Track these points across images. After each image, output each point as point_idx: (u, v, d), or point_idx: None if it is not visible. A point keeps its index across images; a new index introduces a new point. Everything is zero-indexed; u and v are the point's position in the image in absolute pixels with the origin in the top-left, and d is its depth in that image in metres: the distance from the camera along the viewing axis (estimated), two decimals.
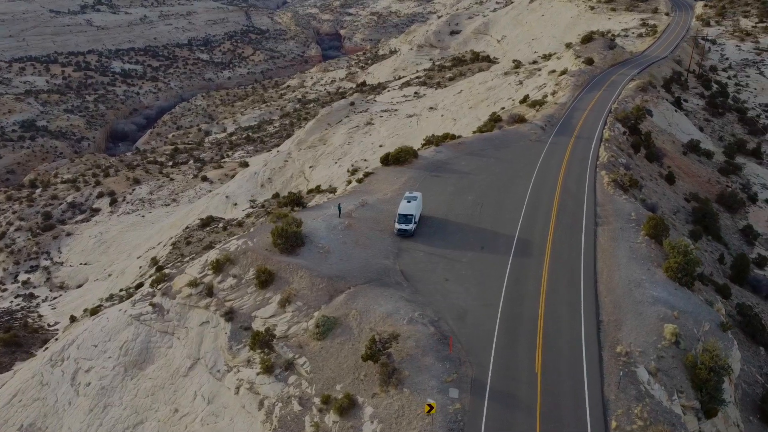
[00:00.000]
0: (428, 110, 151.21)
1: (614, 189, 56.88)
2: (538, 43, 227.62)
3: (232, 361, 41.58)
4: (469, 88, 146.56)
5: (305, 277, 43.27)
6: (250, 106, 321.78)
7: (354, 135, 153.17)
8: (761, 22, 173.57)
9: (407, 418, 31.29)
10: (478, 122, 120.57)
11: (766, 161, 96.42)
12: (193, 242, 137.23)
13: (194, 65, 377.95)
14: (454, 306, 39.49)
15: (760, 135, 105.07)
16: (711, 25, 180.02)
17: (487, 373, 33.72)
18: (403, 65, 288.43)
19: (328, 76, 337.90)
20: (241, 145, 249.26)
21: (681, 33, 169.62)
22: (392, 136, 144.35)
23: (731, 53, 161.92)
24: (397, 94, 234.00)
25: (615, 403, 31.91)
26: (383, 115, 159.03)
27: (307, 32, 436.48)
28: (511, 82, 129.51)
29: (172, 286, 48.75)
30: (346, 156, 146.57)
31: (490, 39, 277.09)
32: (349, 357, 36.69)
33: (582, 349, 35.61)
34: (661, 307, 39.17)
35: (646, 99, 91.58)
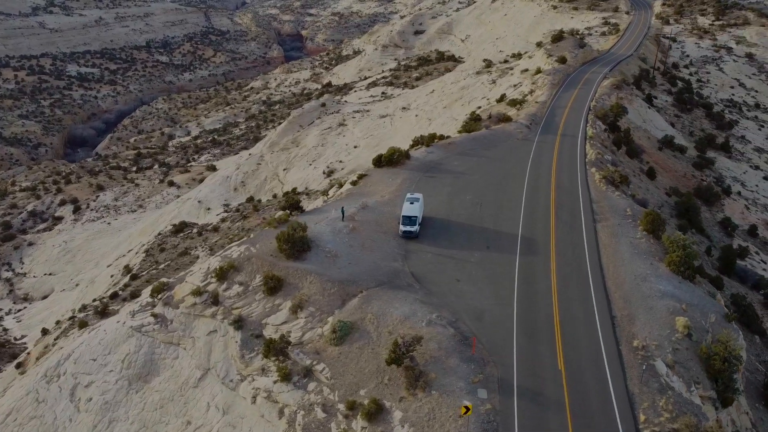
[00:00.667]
0: (401, 110, 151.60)
1: (606, 185, 58.08)
2: (503, 42, 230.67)
3: (245, 370, 40.92)
4: (441, 88, 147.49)
5: (315, 282, 42.87)
6: (214, 108, 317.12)
7: (327, 136, 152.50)
8: (717, 20, 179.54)
9: (439, 420, 31.32)
10: (454, 122, 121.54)
11: (734, 155, 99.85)
12: (167, 249, 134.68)
13: (154, 68, 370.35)
14: (469, 306, 39.71)
15: (727, 129, 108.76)
16: (670, 24, 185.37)
17: (512, 372, 34.01)
18: (369, 65, 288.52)
19: (292, 77, 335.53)
20: (207, 148, 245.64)
21: (643, 31, 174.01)
22: (366, 137, 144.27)
23: (691, 50, 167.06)
24: (365, 95, 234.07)
25: (640, 396, 32.59)
26: (356, 116, 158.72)
27: (269, 33, 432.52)
28: (484, 82, 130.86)
29: (173, 296, 47.70)
30: (320, 158, 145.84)
31: (454, 38, 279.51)
32: (370, 361, 36.52)
33: (600, 345, 36.25)
34: (669, 300, 40.17)
35: (621, 96, 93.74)
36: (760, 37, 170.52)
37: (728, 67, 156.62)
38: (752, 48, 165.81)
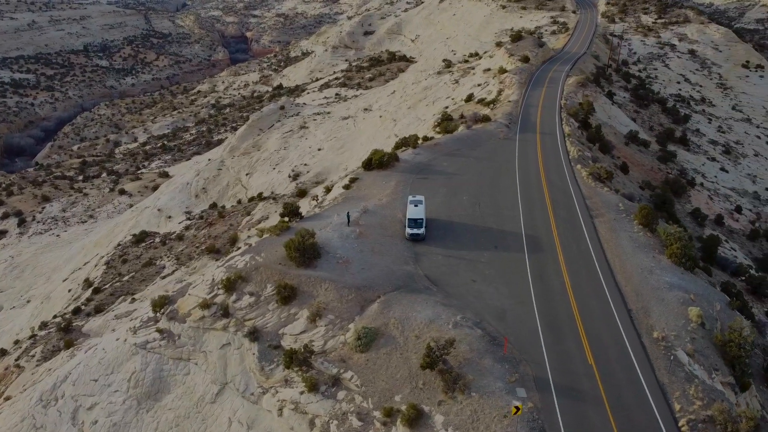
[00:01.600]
0: (363, 111, 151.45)
1: (594, 181, 59.78)
2: (455, 41, 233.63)
3: (266, 382, 40.14)
4: (403, 89, 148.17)
5: (331, 289, 42.44)
6: (161, 113, 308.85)
7: (289, 140, 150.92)
8: (660, 18, 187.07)
9: (484, 422, 31.57)
10: (420, 122, 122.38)
11: (692, 148, 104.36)
12: (130, 260, 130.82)
13: (93, 72, 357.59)
14: (490, 307, 40.15)
15: (683, 123, 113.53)
16: (615, 22, 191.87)
17: (546, 370, 34.61)
18: (319, 67, 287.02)
19: (241, 79, 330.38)
20: (157, 154, 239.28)
21: (591, 30, 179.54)
22: (330, 139, 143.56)
23: (638, 48, 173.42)
24: (318, 96, 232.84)
25: (670, 386, 33.74)
26: (317, 119, 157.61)
27: (213, 35, 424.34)
28: (447, 81, 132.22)
29: (178, 310, 46.33)
30: (284, 161, 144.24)
31: (404, 39, 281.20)
32: (400, 367, 36.44)
33: (623, 338, 37.32)
34: (678, 291, 41.71)
35: (586, 94, 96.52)
36: (700, 35, 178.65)
37: (673, 64, 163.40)
38: (694, 45, 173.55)
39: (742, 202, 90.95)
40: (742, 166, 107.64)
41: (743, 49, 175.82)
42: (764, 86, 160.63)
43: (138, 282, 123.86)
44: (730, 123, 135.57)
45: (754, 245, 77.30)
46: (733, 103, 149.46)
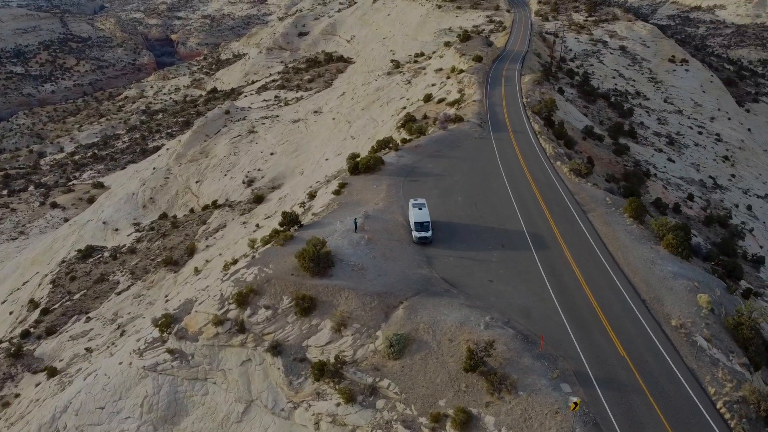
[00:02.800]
0: (314, 114, 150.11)
1: (576, 177, 61.85)
2: (392, 41, 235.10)
3: (295, 396, 39.38)
4: (353, 90, 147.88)
5: (352, 297, 42.07)
6: (87, 121, 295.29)
7: (238, 145, 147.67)
8: (590, 16, 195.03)
9: (537, 419, 32.22)
10: (375, 123, 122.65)
11: (640, 140, 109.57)
12: (79, 277, 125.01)
13: (8, 80, 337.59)
14: (513, 305, 40.93)
15: (628, 117, 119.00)
16: (549, 20, 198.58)
17: (583, 364, 35.67)
18: (254, 69, 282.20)
19: (171, 84, 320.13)
20: (88, 164, 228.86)
21: (527, 28, 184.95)
22: (282, 143, 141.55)
23: (572, 45, 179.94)
24: (256, 99, 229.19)
25: (699, 371, 35.51)
26: (265, 122, 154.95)
27: (136, 38, 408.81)
28: (399, 82, 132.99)
29: (187, 328, 44.69)
30: (235, 167, 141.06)
31: (339, 39, 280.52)
32: (438, 371, 36.60)
33: (645, 327, 38.94)
34: (682, 280, 43.91)
35: (543, 92, 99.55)
36: (628, 31, 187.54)
37: (607, 60, 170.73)
38: (624, 41, 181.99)
39: (692, 190, 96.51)
40: (686, 156, 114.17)
41: (668, 44, 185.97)
42: (690, 79, 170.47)
43: (91, 300, 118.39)
44: (665, 115, 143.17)
45: (710, 231, 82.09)
46: (665, 96, 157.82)
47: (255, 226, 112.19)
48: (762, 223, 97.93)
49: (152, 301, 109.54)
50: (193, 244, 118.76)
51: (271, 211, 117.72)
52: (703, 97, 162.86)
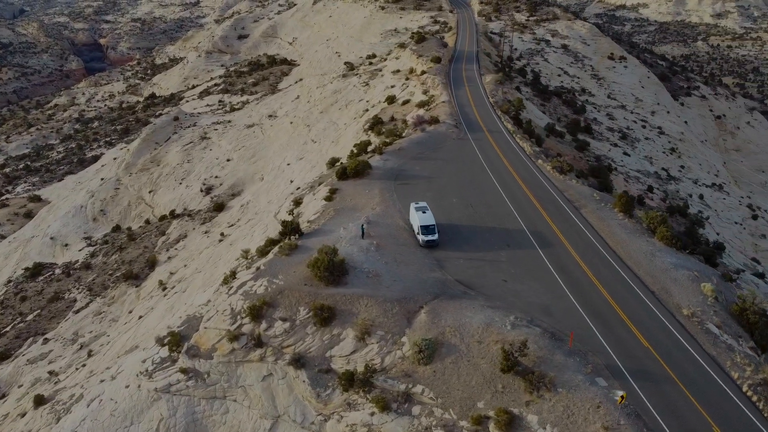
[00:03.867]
0: (268, 118, 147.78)
1: (560, 174, 63.51)
2: (337, 43, 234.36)
3: (325, 409, 38.77)
4: (307, 93, 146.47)
5: (372, 304, 41.78)
6: (14, 131, 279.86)
7: (192, 152, 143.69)
8: (532, 16, 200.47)
9: (580, 415, 32.94)
10: (336, 126, 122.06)
11: (597, 136, 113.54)
12: (30, 296, 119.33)
13: None
14: (533, 304, 41.66)
15: (582, 113, 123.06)
16: (492, 20, 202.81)
17: (612, 357, 36.72)
18: (194, 73, 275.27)
19: (104, 90, 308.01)
20: (21, 177, 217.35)
21: (473, 28, 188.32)
22: (238, 149, 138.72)
23: (517, 44, 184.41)
24: (199, 104, 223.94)
25: (719, 357, 37.21)
26: (218, 128, 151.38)
27: (62, 43, 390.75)
28: (356, 84, 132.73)
29: (198, 346, 43.25)
30: (190, 175, 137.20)
31: (281, 42, 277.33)
32: (472, 374, 36.85)
33: (661, 318, 40.46)
34: (683, 270, 45.86)
35: (505, 91, 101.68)
36: (569, 30, 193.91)
37: (552, 58, 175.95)
38: (565, 40, 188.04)
39: (650, 182, 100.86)
40: (639, 150, 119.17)
41: (606, 42, 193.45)
42: (629, 76, 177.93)
43: (46, 320, 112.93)
44: (610, 111, 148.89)
45: (673, 220, 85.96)
46: (608, 92, 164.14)
47: (219, 235, 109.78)
48: (714, 212, 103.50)
49: (115, 318, 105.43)
50: (153, 256, 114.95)
51: (233, 219, 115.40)
52: (642, 93, 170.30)
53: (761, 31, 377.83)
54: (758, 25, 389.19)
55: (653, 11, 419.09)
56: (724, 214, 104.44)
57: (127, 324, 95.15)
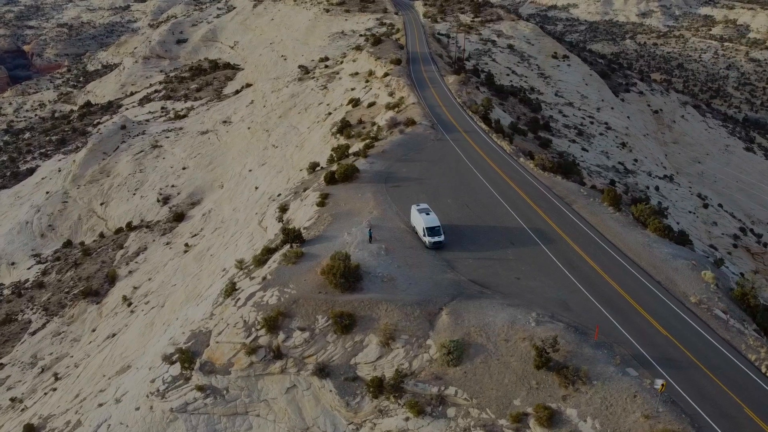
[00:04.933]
0: (223, 124, 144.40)
1: (545, 172, 64.91)
2: (282, 46, 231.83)
3: (355, 417, 38.23)
4: (262, 98, 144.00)
5: (393, 309, 41.48)
6: None
7: (143, 161, 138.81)
8: (476, 17, 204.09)
9: (619, 405, 33.71)
10: (296, 130, 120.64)
11: (555, 133, 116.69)
12: None
13: None
14: (550, 300, 42.36)
15: (539, 111, 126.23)
16: (438, 22, 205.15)
17: (637, 347, 37.74)
18: (131, 80, 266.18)
19: (33, 99, 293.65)
20: None
21: (420, 30, 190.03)
22: (194, 156, 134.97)
23: (465, 45, 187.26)
24: (140, 112, 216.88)
25: (734, 341, 38.89)
26: (169, 135, 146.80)
27: None
28: (314, 88, 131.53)
29: (212, 361, 41.83)
30: (144, 185, 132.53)
31: (222, 46, 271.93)
32: (504, 372, 37.12)
33: (672, 306, 41.95)
34: (681, 260, 47.73)
35: (469, 91, 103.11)
36: (513, 30, 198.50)
37: (499, 58, 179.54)
38: (510, 40, 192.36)
39: (610, 176, 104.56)
40: (595, 145, 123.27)
41: (549, 42, 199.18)
42: (573, 74, 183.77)
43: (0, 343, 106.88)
44: (560, 108, 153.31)
45: None
46: (555, 90, 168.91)
47: (184, 246, 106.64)
48: (671, 202, 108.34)
49: (77, 338, 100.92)
50: (113, 270, 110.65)
51: (196, 229, 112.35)
52: (587, 90, 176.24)
53: (683, 29, 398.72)
54: (680, 24, 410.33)
55: (583, 11, 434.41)
56: (679, 204, 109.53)
57: (94, 343, 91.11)
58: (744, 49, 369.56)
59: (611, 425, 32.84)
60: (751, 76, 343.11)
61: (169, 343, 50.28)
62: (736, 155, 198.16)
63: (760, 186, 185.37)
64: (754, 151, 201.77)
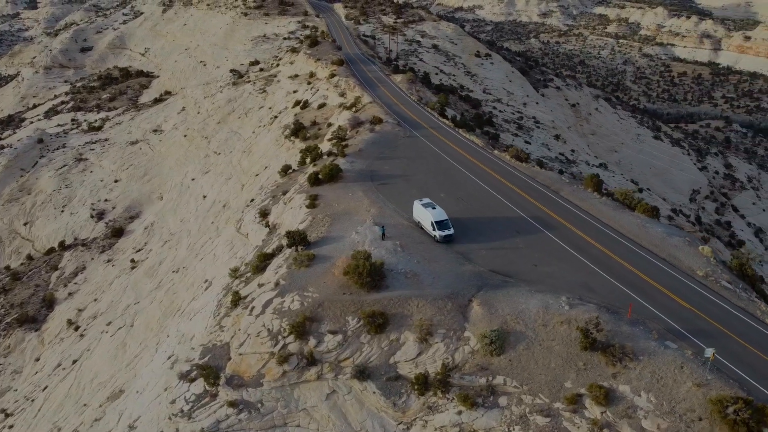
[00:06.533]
0: (153, 133, 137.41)
1: (522, 162, 66.34)
2: (199, 52, 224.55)
3: (404, 416, 37.35)
4: (195, 104, 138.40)
5: (424, 304, 40.91)
6: None
7: (68, 176, 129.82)
8: (399, 18, 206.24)
9: (669, 377, 34.84)
10: (239, 136, 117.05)
11: (498, 128, 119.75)
12: None
13: None
14: (572, 283, 43.18)
15: (479, 107, 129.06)
16: (361, 24, 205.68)
17: (667, 321, 39.18)
18: (33, 91, 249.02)
19: None
20: None
21: (345, 31, 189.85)
22: (126, 168, 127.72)
23: (391, 46, 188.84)
24: (48, 125, 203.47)
25: (748, 308, 41.23)
26: (94, 147, 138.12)
27: None
28: (252, 92, 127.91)
29: (240, 375, 39.65)
30: (72, 201, 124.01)
31: (131, 53, 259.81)
32: (548, 356, 37.46)
33: (684, 281, 43.91)
34: (676, 237, 50.18)
35: (418, 89, 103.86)
36: (436, 30, 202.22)
37: (426, 57, 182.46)
38: (434, 40, 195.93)
39: (557, 166, 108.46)
40: (536, 138, 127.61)
41: (471, 41, 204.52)
42: (496, 71, 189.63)
43: None
44: (492, 105, 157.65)
45: None
46: (483, 87, 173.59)
47: (130, 262, 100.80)
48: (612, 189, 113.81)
49: (18, 369, 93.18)
50: (50, 294, 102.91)
51: (139, 244, 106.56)
52: (511, 86, 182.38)
53: (581, 28, 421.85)
54: (578, 23, 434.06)
55: (488, 12, 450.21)
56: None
57: (42, 373, 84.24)
58: (637, 45, 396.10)
59: (665, 397, 33.84)
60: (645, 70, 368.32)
61: (170, 361, 47.18)
62: (647, 144, 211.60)
63: (670, 171, 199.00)
64: (661, 138, 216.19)
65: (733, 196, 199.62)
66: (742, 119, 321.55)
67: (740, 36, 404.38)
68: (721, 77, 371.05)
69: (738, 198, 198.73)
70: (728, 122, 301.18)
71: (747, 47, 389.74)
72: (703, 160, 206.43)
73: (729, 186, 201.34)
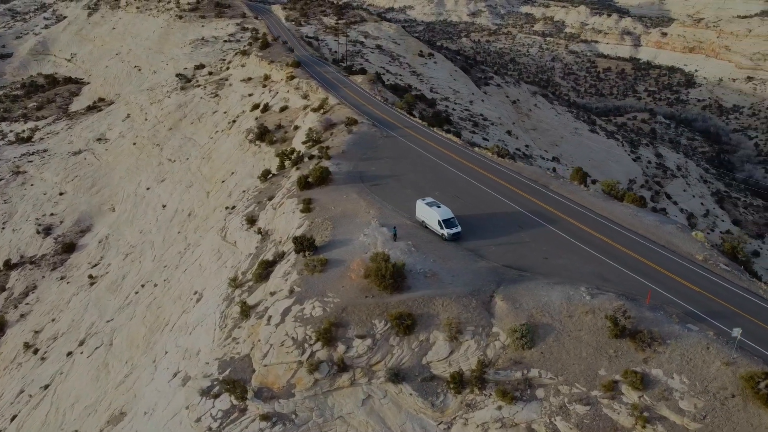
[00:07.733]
0: (98, 142, 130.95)
1: (505, 158, 67.42)
2: (133, 56, 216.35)
3: (443, 416, 37.19)
4: (140, 110, 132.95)
5: (449, 303, 40.89)
6: None
7: (6, 190, 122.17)
8: (340, 19, 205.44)
9: (698, 358, 36.21)
10: (194, 142, 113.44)
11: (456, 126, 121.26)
12: None
13: None
14: (586, 274, 44.19)
15: (435, 106, 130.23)
16: (303, 25, 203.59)
17: (683, 305, 40.75)
18: None
19: None
20: None
21: (288, 33, 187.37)
22: (71, 179, 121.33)
23: (334, 47, 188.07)
24: None
25: (751, 288, 43.45)
26: (32, 159, 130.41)
27: None
28: (203, 96, 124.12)
29: (269, 387, 38.44)
30: (13, 217, 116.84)
31: (56, 59, 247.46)
32: (580, 347, 38.21)
33: (687, 266, 45.79)
34: (668, 225, 52.28)
35: (380, 89, 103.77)
36: (378, 31, 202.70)
37: (371, 58, 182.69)
38: (377, 40, 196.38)
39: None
40: (491, 135, 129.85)
41: (414, 41, 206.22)
42: (441, 71, 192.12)
43: None
44: (441, 104, 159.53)
45: None
46: (430, 86, 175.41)
47: (88, 278, 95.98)
48: None
49: None
50: (0, 317, 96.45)
51: (95, 258, 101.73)
52: (456, 85, 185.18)
53: (510, 27, 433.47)
54: (506, 22, 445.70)
55: (419, 12, 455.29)
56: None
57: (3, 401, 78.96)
58: (563, 43, 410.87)
59: (697, 377, 35.18)
60: (573, 66, 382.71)
61: (179, 377, 45.21)
62: (584, 137, 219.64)
63: (607, 162, 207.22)
64: (597, 132, 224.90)
65: (666, 184, 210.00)
66: (665, 111, 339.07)
67: (657, 32, 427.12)
68: (643, 72, 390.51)
69: (670, 186, 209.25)
70: (653, 114, 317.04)
71: (664, 43, 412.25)
72: (636, 151, 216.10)
73: (661, 175, 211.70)
